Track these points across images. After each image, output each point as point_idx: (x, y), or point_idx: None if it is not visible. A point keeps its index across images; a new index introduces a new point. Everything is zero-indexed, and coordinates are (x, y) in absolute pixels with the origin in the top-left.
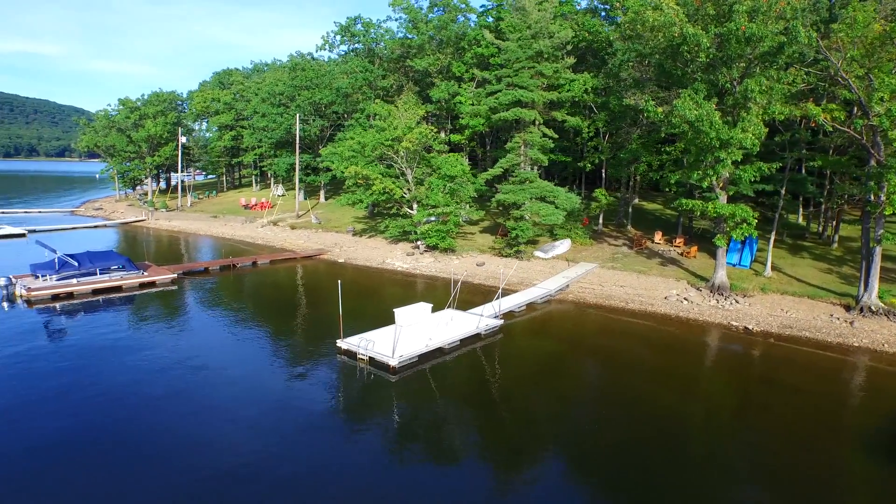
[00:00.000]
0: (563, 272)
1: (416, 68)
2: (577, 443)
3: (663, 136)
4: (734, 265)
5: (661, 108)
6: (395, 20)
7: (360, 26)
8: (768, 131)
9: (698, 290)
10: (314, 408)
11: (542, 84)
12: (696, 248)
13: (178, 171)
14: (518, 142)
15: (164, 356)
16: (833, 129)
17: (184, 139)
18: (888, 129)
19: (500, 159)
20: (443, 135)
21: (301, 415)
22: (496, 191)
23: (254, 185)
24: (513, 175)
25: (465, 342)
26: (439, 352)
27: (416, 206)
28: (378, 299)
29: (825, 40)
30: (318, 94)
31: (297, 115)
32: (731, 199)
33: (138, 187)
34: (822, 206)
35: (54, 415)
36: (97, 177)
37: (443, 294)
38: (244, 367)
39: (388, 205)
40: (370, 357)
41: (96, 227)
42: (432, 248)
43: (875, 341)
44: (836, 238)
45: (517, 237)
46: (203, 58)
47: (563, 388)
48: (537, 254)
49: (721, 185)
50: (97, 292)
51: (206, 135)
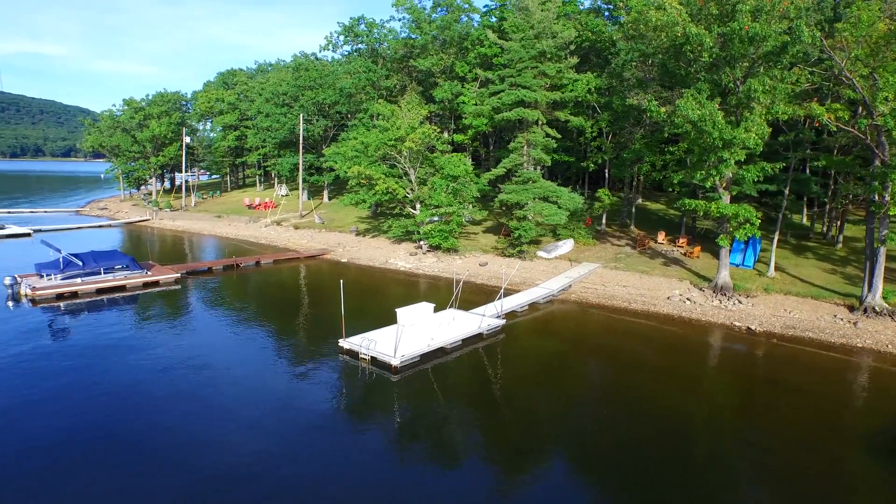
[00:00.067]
0: (566, 272)
1: (420, 68)
2: (579, 443)
3: (666, 136)
4: (737, 265)
5: (664, 108)
6: (399, 20)
7: (363, 26)
8: (772, 131)
9: (701, 290)
10: (316, 407)
11: (546, 84)
12: (699, 248)
13: (182, 171)
14: (521, 142)
15: (167, 356)
16: (837, 129)
17: (188, 139)
18: (893, 128)
19: (503, 159)
20: (446, 135)
21: (303, 414)
22: (499, 191)
23: (257, 185)
24: (516, 175)
25: (467, 342)
26: (441, 352)
27: (419, 206)
28: (380, 299)
29: (829, 40)
30: (322, 94)
31: (301, 115)
32: (735, 200)
33: (143, 187)
34: (826, 207)
35: (57, 414)
36: (102, 177)
37: (445, 294)
38: (246, 366)
39: (391, 205)
40: (372, 357)
41: (101, 226)
42: (435, 248)
43: (879, 342)
44: (841, 238)
45: (520, 237)
46: (207, 58)
47: (565, 387)
48: (540, 254)
49: (724, 185)
50: (101, 292)
51: (210, 135)
